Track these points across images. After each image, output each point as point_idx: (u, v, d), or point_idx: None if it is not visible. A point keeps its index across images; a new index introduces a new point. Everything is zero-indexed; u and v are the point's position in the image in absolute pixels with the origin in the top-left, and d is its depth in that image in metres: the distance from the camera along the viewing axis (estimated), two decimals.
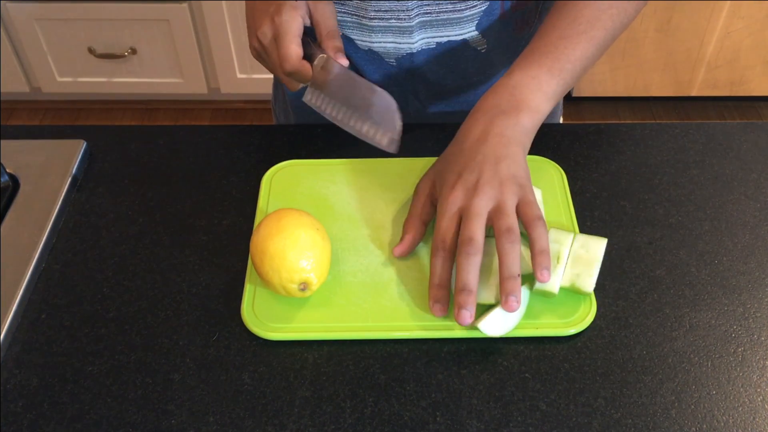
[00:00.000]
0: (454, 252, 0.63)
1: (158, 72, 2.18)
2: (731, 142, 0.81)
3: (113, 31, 2.08)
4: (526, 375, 0.61)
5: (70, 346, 0.63)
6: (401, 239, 0.68)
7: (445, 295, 0.63)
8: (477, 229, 0.61)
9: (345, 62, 0.72)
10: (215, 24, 2.04)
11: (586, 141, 0.81)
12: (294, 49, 0.71)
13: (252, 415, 0.58)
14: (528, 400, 0.59)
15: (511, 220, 0.61)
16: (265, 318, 0.64)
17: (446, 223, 0.63)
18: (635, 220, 0.73)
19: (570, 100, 2.35)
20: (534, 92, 0.65)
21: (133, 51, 2.12)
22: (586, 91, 2.26)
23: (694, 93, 2.24)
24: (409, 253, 0.68)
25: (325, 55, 0.72)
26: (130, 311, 0.66)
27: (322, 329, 0.63)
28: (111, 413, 0.59)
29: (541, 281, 0.61)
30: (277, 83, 1.02)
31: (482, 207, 0.62)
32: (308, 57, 0.72)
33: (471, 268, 0.60)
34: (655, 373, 0.61)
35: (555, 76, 0.66)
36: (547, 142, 0.80)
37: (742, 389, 0.60)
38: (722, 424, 0.57)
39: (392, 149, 0.70)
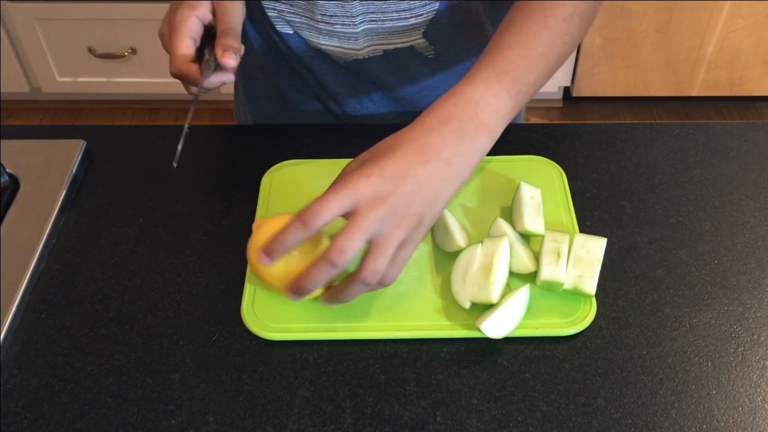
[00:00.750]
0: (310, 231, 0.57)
1: (158, 72, 2.18)
2: (731, 142, 0.81)
3: (113, 31, 2.08)
4: (526, 375, 0.61)
5: (70, 346, 0.63)
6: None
7: (274, 252, 0.58)
8: (352, 247, 0.55)
9: (231, 62, 0.66)
10: None
11: (586, 141, 0.81)
12: (180, 50, 0.67)
13: (252, 415, 0.58)
14: (528, 400, 0.59)
15: (376, 266, 0.56)
16: (265, 318, 0.64)
17: (333, 206, 0.55)
18: (635, 220, 0.73)
19: (570, 100, 2.35)
20: (494, 112, 0.61)
21: (133, 51, 2.12)
22: (586, 91, 2.25)
23: (694, 93, 2.24)
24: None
25: (211, 58, 0.68)
26: (130, 311, 0.66)
27: (322, 329, 0.63)
28: (111, 413, 0.59)
29: (327, 301, 0.60)
30: (237, 83, 0.99)
31: (372, 228, 0.55)
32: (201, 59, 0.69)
33: (321, 273, 0.56)
34: (655, 373, 0.61)
35: (512, 98, 0.63)
36: (547, 142, 0.80)
37: (742, 389, 0.60)
38: (722, 424, 0.57)
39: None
